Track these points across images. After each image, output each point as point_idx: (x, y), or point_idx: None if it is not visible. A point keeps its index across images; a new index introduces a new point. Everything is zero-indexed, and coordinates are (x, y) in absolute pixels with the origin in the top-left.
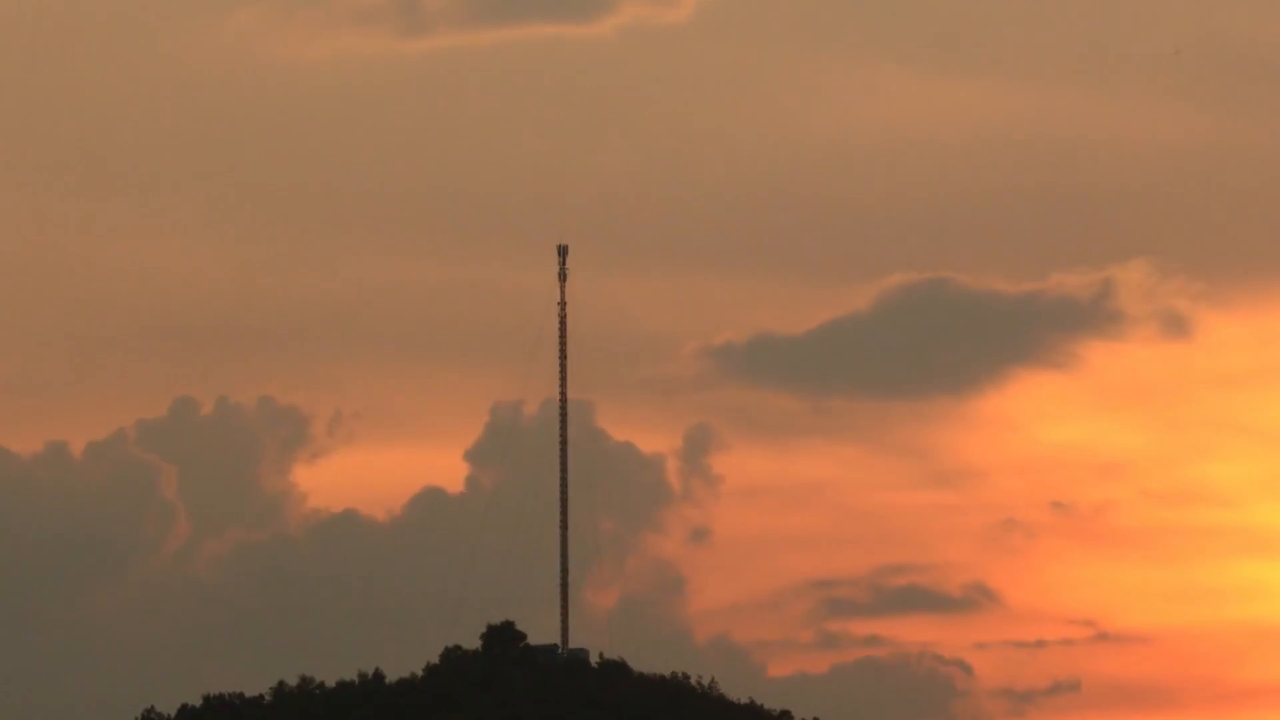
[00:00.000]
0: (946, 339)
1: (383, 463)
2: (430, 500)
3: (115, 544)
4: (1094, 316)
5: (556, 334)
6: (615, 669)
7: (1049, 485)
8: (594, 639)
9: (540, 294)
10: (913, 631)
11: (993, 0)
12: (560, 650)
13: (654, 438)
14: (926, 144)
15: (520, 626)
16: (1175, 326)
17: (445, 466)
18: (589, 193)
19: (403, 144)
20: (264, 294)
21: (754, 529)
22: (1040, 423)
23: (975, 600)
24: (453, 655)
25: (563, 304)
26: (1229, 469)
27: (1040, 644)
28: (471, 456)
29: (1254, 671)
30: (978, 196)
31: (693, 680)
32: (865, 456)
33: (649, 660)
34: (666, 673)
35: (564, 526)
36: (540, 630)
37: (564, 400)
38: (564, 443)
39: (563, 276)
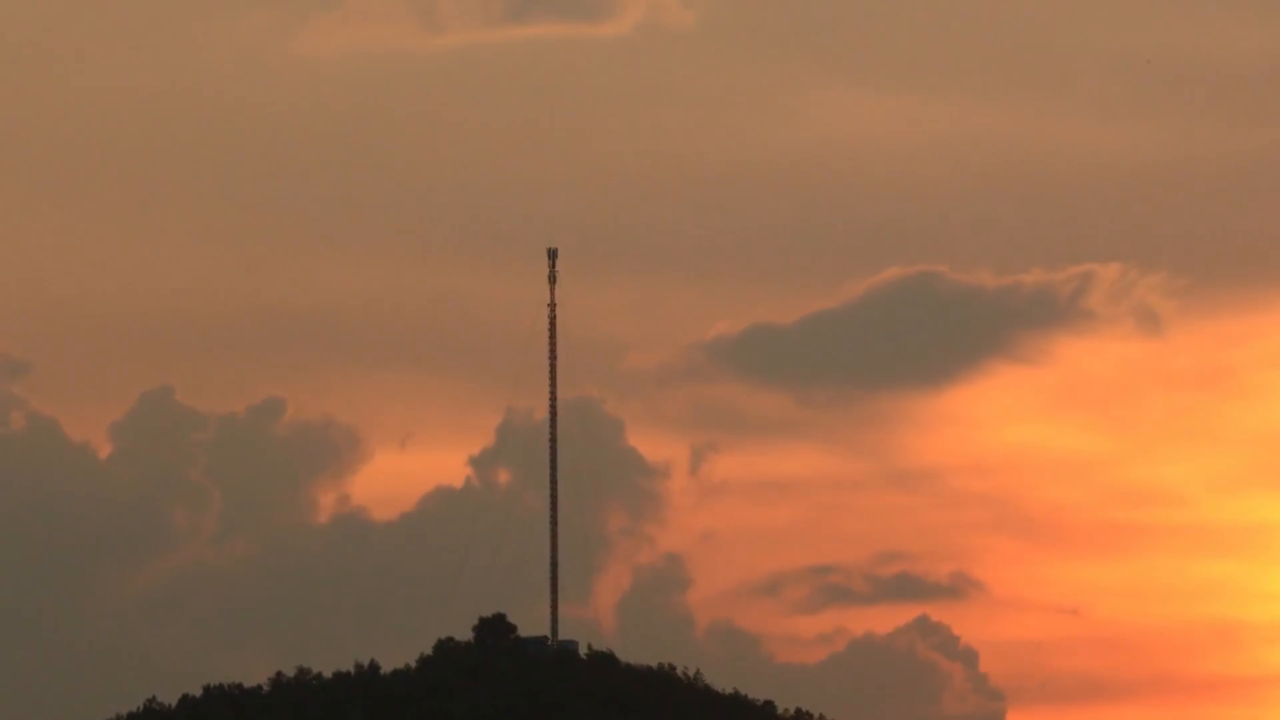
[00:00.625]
0: (919, 337)
1: (392, 465)
2: (437, 502)
3: (121, 541)
4: (1069, 314)
5: (547, 335)
6: (603, 660)
7: (1008, 483)
8: (583, 631)
9: (543, 298)
10: (880, 623)
11: (976, 17)
12: (550, 642)
13: (648, 435)
14: (909, 151)
15: (511, 619)
16: (1147, 326)
17: (453, 469)
18: (578, 196)
19: (392, 147)
20: (270, 298)
21: (738, 523)
22: (1004, 420)
23: (941, 595)
24: (446, 647)
25: (553, 305)
26: (1192, 468)
27: (1010, 639)
28: (480, 459)
29: (1212, 666)
30: (961, 200)
31: (679, 671)
32: (832, 453)
33: (637, 652)
34: (654, 664)
35: (554, 522)
36: (531, 622)
37: (554, 399)
38: (554, 440)
39: (553, 279)
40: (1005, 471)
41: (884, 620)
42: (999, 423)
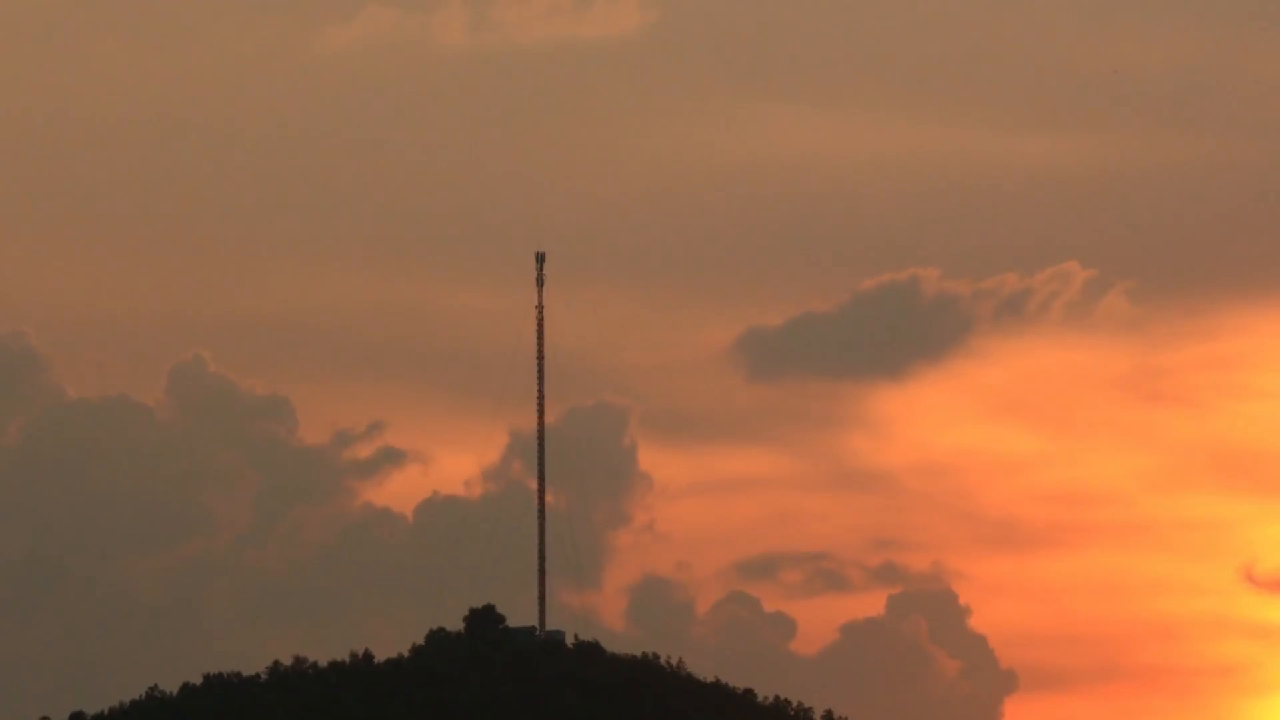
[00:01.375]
0: (880, 341)
1: (397, 468)
2: (440, 503)
3: (125, 538)
4: (1017, 320)
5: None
6: (589, 649)
7: (960, 482)
8: (570, 622)
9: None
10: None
11: (938, 42)
12: (538, 632)
13: (639, 434)
14: (871, 164)
15: (500, 609)
16: (1090, 331)
17: (457, 471)
18: (564, 203)
19: (377, 155)
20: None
21: (722, 517)
22: (955, 422)
23: (919, 585)
24: (437, 636)
25: (540, 307)
26: (1132, 468)
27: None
28: (487, 462)
29: (1152, 658)
30: (929, 211)
31: (662, 660)
32: (781, 455)
33: (622, 641)
34: (637, 653)
35: (541, 515)
36: (519, 613)
37: (541, 398)
38: (541, 437)
39: (540, 281)
40: (957, 471)
41: (871, 608)
42: (951, 424)
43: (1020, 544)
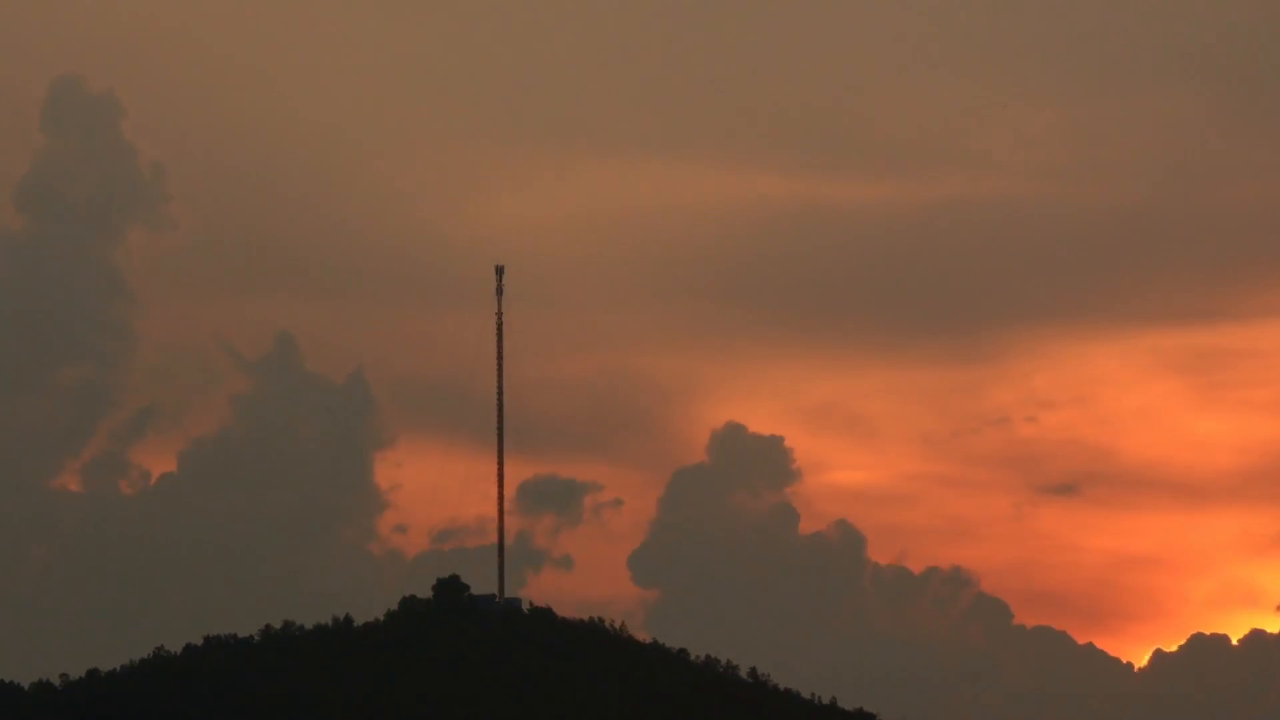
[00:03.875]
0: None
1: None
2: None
3: (140, 513)
4: (853, 345)
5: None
6: (542, 615)
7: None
8: (526, 590)
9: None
10: None
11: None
12: (498, 599)
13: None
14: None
15: (464, 579)
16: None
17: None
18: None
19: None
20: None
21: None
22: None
23: None
24: (409, 603)
25: (500, 314)
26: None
27: None
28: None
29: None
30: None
31: (606, 624)
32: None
33: (572, 608)
34: (585, 617)
35: (501, 497)
36: (482, 582)
37: (500, 392)
38: (500, 429)
39: (499, 291)
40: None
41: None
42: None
43: None
